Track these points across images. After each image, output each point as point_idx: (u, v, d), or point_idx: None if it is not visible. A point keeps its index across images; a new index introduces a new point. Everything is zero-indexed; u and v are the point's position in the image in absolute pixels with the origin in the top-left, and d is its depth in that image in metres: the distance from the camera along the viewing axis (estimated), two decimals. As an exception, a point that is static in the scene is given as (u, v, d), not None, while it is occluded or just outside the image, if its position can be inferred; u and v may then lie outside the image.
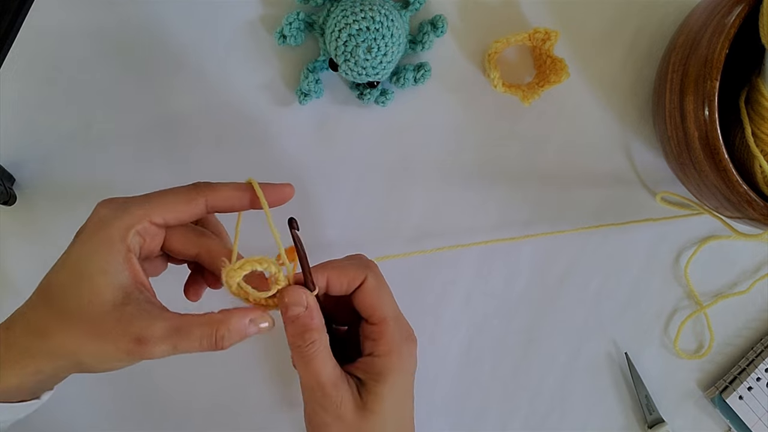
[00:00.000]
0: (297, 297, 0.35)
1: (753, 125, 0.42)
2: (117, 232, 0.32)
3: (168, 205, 0.34)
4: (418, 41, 0.48)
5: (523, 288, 0.53)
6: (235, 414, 0.53)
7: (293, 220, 0.35)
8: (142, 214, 0.33)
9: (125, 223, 0.33)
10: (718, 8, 0.41)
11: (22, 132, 0.49)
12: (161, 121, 0.50)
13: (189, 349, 0.33)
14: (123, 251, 0.32)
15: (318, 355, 0.35)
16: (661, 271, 0.53)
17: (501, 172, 0.52)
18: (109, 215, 0.33)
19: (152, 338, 0.31)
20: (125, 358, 0.32)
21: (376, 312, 0.37)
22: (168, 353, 0.32)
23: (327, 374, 0.35)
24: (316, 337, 0.35)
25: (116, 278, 0.32)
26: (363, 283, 0.37)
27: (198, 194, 0.34)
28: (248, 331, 0.34)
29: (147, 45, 0.49)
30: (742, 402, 0.52)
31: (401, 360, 0.37)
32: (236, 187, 0.35)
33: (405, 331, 0.38)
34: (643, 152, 0.52)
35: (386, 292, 0.38)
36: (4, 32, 0.38)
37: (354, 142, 0.51)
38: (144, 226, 0.33)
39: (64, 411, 0.52)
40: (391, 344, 0.37)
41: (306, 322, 0.35)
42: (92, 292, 0.32)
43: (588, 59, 0.50)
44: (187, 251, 0.36)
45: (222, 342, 0.33)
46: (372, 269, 0.38)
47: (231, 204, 0.35)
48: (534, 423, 0.54)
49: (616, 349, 0.54)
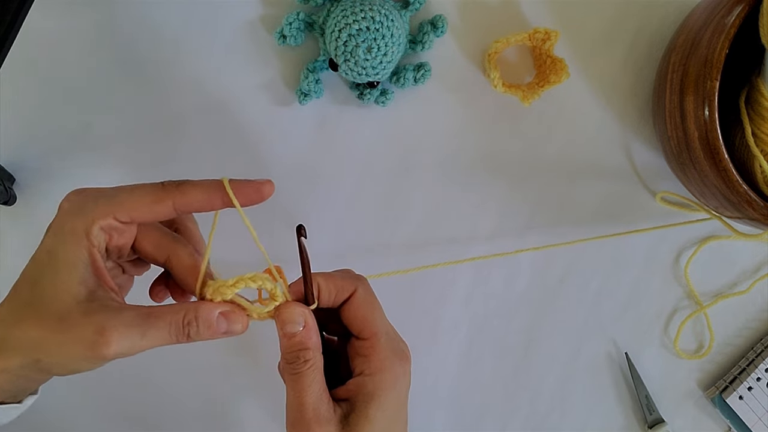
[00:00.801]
0: (294, 315, 0.34)
1: (753, 125, 0.42)
2: (81, 225, 0.31)
3: (134, 203, 0.32)
4: (418, 41, 0.48)
5: (524, 288, 0.53)
6: (228, 425, 0.53)
7: (302, 227, 0.34)
8: (107, 211, 0.32)
9: (90, 216, 0.32)
10: (718, 8, 0.41)
11: (22, 132, 0.49)
12: (161, 121, 0.50)
13: (157, 339, 0.31)
14: (87, 246, 0.31)
15: (309, 374, 0.33)
16: (661, 271, 0.53)
17: (501, 172, 0.52)
18: (75, 208, 0.32)
19: (117, 327, 0.30)
20: (87, 352, 0.30)
21: (367, 326, 0.35)
22: (134, 345, 0.30)
23: (312, 396, 0.33)
24: (311, 357, 0.34)
25: (81, 273, 0.31)
26: (353, 294, 0.36)
27: (166, 195, 0.33)
28: (218, 326, 0.32)
29: (147, 45, 0.49)
30: (742, 402, 0.52)
31: (393, 378, 0.35)
32: (206, 187, 0.33)
33: (398, 347, 0.36)
34: (643, 152, 0.52)
35: (377, 306, 0.36)
36: (4, 32, 0.38)
37: (354, 142, 0.51)
38: (108, 222, 0.32)
39: (53, 416, 0.52)
40: (383, 361, 0.35)
41: (303, 341, 0.34)
42: (58, 284, 0.31)
43: (588, 59, 0.50)
44: (157, 255, 0.35)
45: (188, 329, 0.32)
46: (362, 282, 0.37)
47: (200, 206, 0.34)
48: (534, 423, 0.54)
49: (616, 349, 0.54)
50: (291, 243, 0.36)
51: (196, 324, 0.32)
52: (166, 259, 0.35)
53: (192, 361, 0.52)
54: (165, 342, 0.31)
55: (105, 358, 0.30)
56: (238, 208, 0.33)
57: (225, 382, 0.53)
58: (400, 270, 0.47)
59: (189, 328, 0.32)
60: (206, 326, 0.32)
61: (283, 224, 0.50)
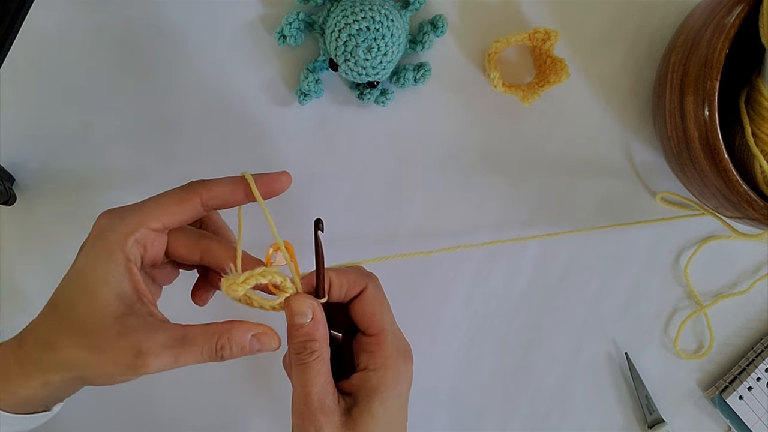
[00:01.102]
0: (303, 306, 0.34)
1: (753, 125, 0.42)
2: (115, 242, 0.32)
3: (163, 207, 0.34)
4: (418, 41, 0.48)
5: (524, 288, 0.53)
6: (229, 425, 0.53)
7: (320, 221, 0.34)
8: (138, 222, 0.33)
9: (122, 231, 0.33)
10: (718, 8, 0.41)
11: (22, 132, 0.49)
12: (161, 121, 0.50)
13: (190, 361, 0.32)
14: (123, 261, 0.32)
15: (315, 365, 0.34)
16: (661, 271, 0.53)
17: (501, 172, 0.52)
18: (107, 226, 0.33)
19: (152, 350, 0.31)
20: (126, 372, 0.32)
21: (375, 323, 0.36)
22: (169, 366, 0.32)
23: (318, 386, 0.34)
24: (317, 348, 0.34)
25: (118, 289, 0.32)
26: (363, 291, 0.36)
27: (192, 193, 0.34)
28: (251, 347, 0.33)
29: (147, 45, 0.49)
30: (742, 402, 0.52)
31: (396, 376, 0.36)
32: (230, 181, 0.35)
33: (402, 346, 0.37)
34: (643, 152, 0.52)
35: (386, 304, 0.37)
36: (4, 32, 0.37)
37: (354, 142, 0.51)
38: (142, 233, 0.33)
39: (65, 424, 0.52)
40: (387, 358, 0.35)
41: (310, 332, 0.34)
42: (95, 304, 0.32)
43: (588, 59, 0.50)
44: (191, 255, 0.36)
45: (222, 353, 0.33)
46: (373, 279, 0.37)
47: (226, 199, 0.35)
48: (534, 423, 0.54)
49: (616, 349, 0.54)
50: (293, 240, 0.36)
51: (230, 347, 0.33)
52: (200, 257, 0.36)
53: (198, 370, 0.52)
54: (199, 362, 0.33)
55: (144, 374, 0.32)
56: (258, 198, 0.35)
57: (232, 389, 0.53)
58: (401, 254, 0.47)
59: (222, 351, 0.33)
60: (239, 348, 0.33)
61: (283, 224, 0.50)
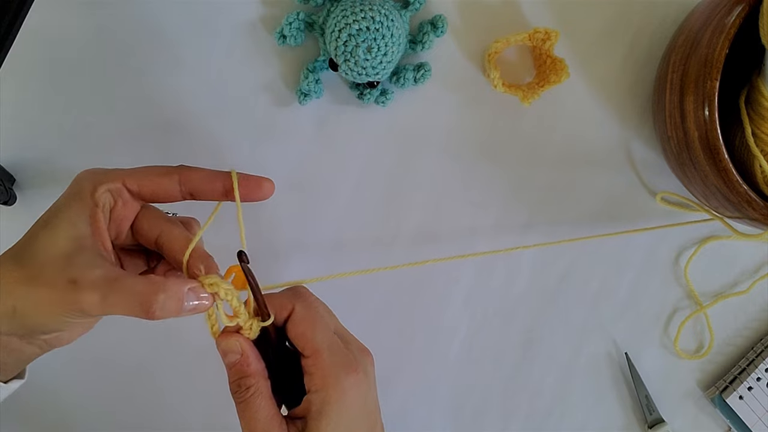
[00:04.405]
0: (231, 344, 0.34)
1: (753, 125, 0.42)
2: (88, 187, 0.34)
3: (143, 172, 0.35)
4: (418, 41, 0.48)
5: (524, 288, 0.53)
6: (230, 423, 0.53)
7: (242, 253, 0.34)
8: (118, 176, 0.34)
9: (98, 180, 0.34)
10: (718, 8, 0.41)
11: (22, 132, 0.49)
12: (161, 121, 0.50)
13: (119, 306, 0.30)
14: (90, 204, 0.33)
15: (253, 401, 0.34)
16: (661, 271, 0.53)
17: (501, 172, 0.52)
18: (86, 175, 0.35)
19: (86, 283, 0.30)
20: (61, 305, 0.30)
21: (308, 343, 0.35)
22: (98, 305, 0.30)
23: (261, 422, 0.33)
24: (252, 383, 0.34)
25: (76, 229, 0.32)
26: (291, 313, 0.36)
27: (174, 170, 0.36)
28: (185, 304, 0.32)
29: (147, 45, 0.49)
30: (742, 402, 0.52)
31: (340, 392, 0.34)
32: (212, 172, 0.36)
33: (343, 360, 0.35)
34: (643, 152, 0.52)
35: (318, 321, 0.36)
36: (4, 32, 0.38)
37: (354, 142, 0.51)
38: (117, 186, 0.34)
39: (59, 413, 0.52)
40: (326, 377, 0.34)
41: (242, 369, 0.34)
42: (48, 239, 0.32)
43: (588, 59, 0.50)
44: (151, 232, 0.36)
45: (154, 308, 0.30)
46: (301, 298, 0.36)
47: (203, 186, 0.36)
48: (534, 423, 0.54)
49: (616, 349, 0.54)
50: (285, 240, 0.36)
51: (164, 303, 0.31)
52: (157, 236, 0.36)
53: (194, 374, 0.52)
54: (129, 314, 0.31)
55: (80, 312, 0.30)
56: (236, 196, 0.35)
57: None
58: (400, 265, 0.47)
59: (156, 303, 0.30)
60: (175, 300, 0.31)
61: (284, 224, 0.50)
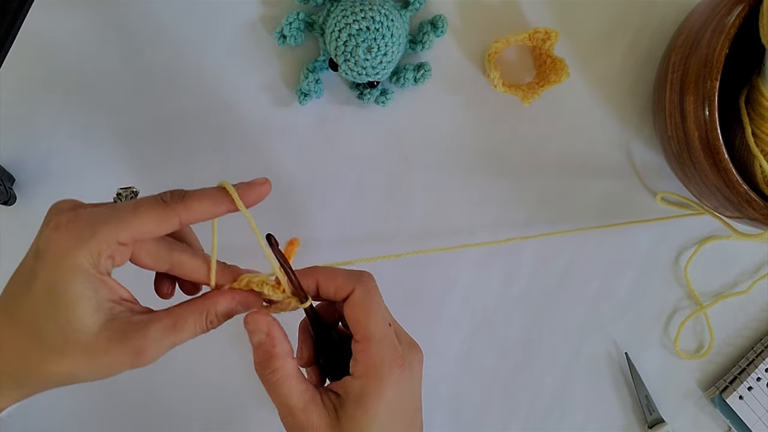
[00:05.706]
0: (258, 324, 0.34)
1: (753, 125, 0.42)
2: (87, 261, 0.30)
3: (138, 225, 0.31)
4: (418, 41, 0.48)
5: (524, 288, 0.53)
6: (231, 419, 0.53)
7: (271, 236, 0.34)
8: (111, 236, 0.31)
9: (95, 249, 0.30)
10: (718, 8, 0.41)
11: (22, 132, 0.49)
12: (161, 121, 0.50)
13: (185, 340, 0.33)
14: (97, 277, 0.31)
15: (283, 382, 0.33)
16: (661, 271, 0.53)
17: (501, 172, 0.52)
18: (72, 235, 0.31)
19: (150, 346, 0.31)
20: (127, 369, 0.31)
21: (361, 329, 0.34)
22: (167, 351, 0.32)
23: (295, 400, 0.33)
24: (279, 365, 0.33)
25: (96, 301, 0.31)
26: (350, 295, 0.35)
27: (171, 212, 0.32)
28: (236, 311, 0.35)
29: (147, 45, 0.49)
30: (742, 402, 0.52)
31: (381, 386, 0.33)
32: (211, 197, 0.33)
33: (391, 355, 0.34)
34: (643, 152, 0.52)
35: (374, 309, 0.35)
36: (4, 32, 0.38)
37: (354, 142, 0.51)
38: (113, 249, 0.31)
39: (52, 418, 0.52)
40: (370, 368, 0.34)
41: (268, 349, 0.34)
42: (75, 319, 0.30)
43: (588, 59, 0.50)
44: (158, 266, 0.35)
45: (212, 326, 0.34)
46: (363, 282, 0.36)
47: (207, 217, 0.33)
48: (534, 423, 0.54)
49: (616, 349, 0.54)
50: (285, 240, 0.36)
51: (218, 318, 0.34)
52: (169, 268, 0.35)
53: (197, 370, 0.52)
54: (192, 338, 0.33)
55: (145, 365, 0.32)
56: (246, 213, 0.33)
57: (234, 382, 0.53)
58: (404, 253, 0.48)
59: (212, 325, 0.34)
60: (227, 316, 0.34)
61: (283, 224, 0.50)
